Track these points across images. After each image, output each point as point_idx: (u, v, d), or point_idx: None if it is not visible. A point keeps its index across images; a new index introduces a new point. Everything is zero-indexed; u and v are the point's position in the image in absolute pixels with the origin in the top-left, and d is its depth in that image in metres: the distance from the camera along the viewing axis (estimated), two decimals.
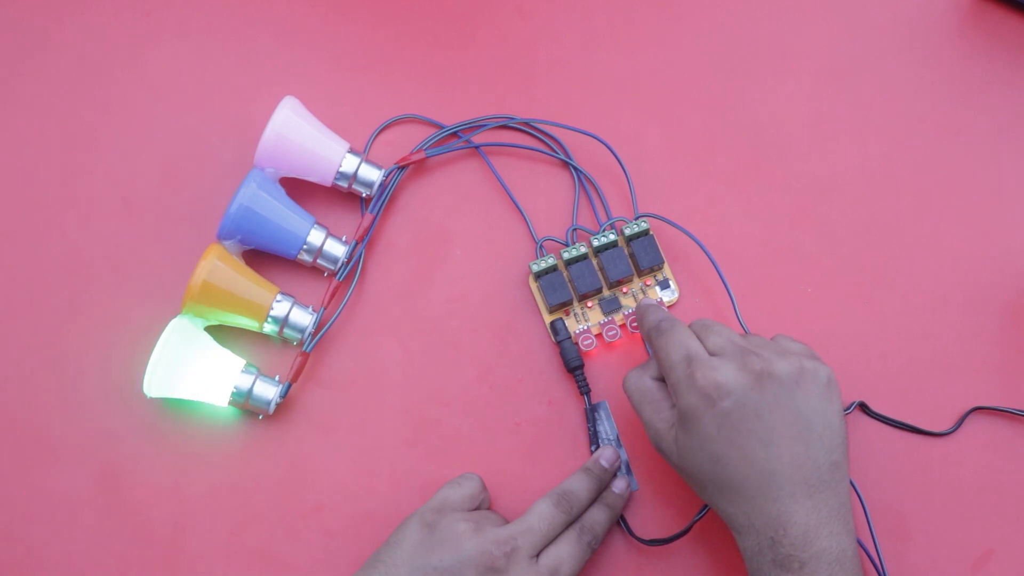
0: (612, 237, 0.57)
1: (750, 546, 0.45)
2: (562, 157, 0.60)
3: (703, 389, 0.45)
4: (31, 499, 0.54)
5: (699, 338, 0.48)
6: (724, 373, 0.45)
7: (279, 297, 0.55)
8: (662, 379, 0.49)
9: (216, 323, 0.55)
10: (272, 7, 0.63)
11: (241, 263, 0.55)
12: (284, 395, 0.54)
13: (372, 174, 0.57)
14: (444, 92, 0.61)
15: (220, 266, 0.54)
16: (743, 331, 0.55)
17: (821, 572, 0.43)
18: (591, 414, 0.55)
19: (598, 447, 0.54)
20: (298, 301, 0.55)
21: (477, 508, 0.51)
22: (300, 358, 0.55)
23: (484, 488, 0.52)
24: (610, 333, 0.56)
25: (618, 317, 0.57)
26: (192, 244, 0.56)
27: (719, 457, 0.45)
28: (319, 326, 0.55)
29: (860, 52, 0.62)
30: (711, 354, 0.47)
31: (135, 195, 0.59)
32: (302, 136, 0.56)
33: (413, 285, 0.58)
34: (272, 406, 0.54)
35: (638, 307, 0.53)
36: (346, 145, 0.57)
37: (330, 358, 0.56)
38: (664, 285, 0.57)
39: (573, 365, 0.55)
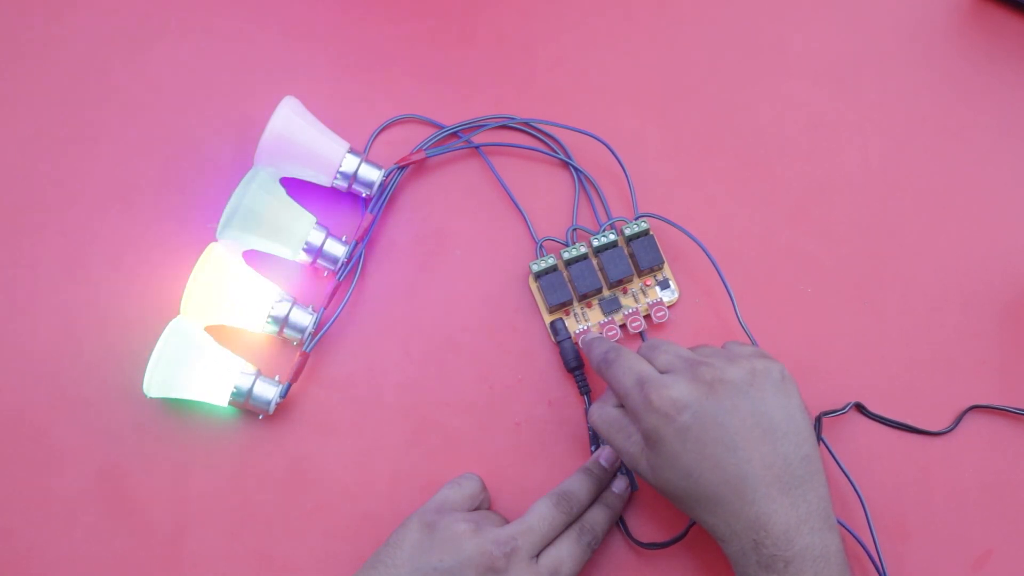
0: (612, 237, 0.57)
1: (735, 551, 0.45)
2: (562, 157, 0.60)
3: (659, 408, 0.45)
4: (31, 499, 0.54)
5: (648, 360, 0.48)
6: (677, 389, 0.45)
7: (279, 297, 0.55)
8: (623, 405, 0.49)
9: (216, 323, 0.55)
10: (272, 7, 0.63)
11: (241, 263, 0.55)
12: (284, 395, 0.54)
13: (372, 174, 0.57)
14: (444, 92, 0.61)
15: (220, 266, 0.54)
16: (744, 333, 0.55)
17: (806, 570, 0.43)
18: None
19: (598, 447, 0.54)
20: (298, 301, 0.55)
21: (477, 508, 0.51)
22: (300, 358, 0.55)
23: (484, 488, 0.52)
24: (610, 333, 0.56)
25: (618, 317, 0.57)
26: (192, 244, 0.56)
27: (690, 471, 0.45)
28: (319, 326, 0.55)
29: (860, 52, 0.62)
30: (661, 372, 0.47)
31: (135, 195, 0.59)
32: (302, 136, 0.56)
33: (413, 285, 0.58)
34: (272, 406, 0.54)
35: (583, 342, 0.53)
36: (346, 145, 0.57)
37: (330, 358, 0.56)
38: (664, 285, 0.57)
39: (573, 365, 0.55)
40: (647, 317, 0.57)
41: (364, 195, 0.58)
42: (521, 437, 0.55)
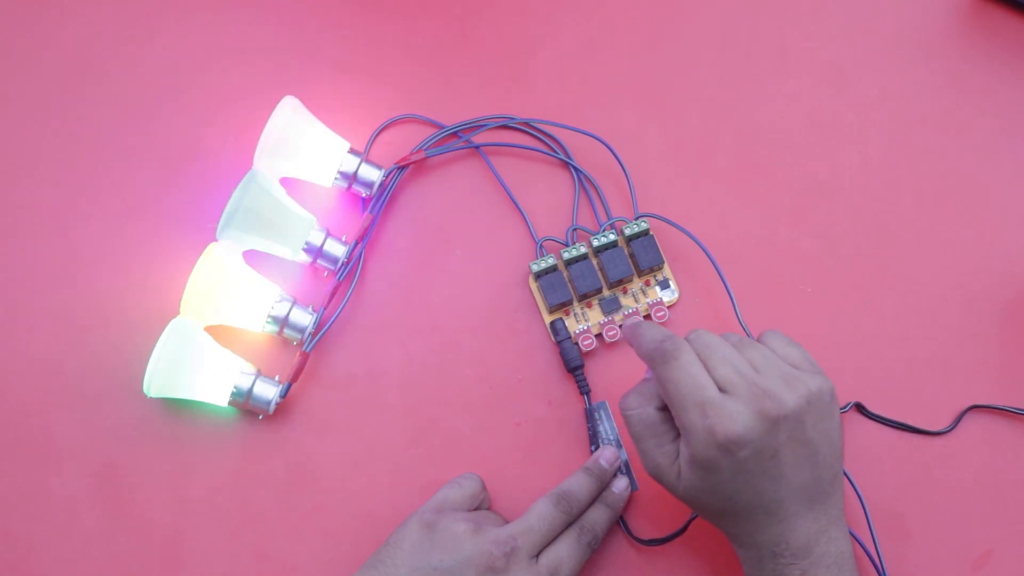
0: (612, 237, 0.57)
1: (750, 557, 0.45)
2: (562, 157, 0.60)
3: (723, 443, 0.43)
4: (31, 499, 0.54)
5: (704, 362, 0.45)
6: (743, 424, 0.43)
7: (279, 297, 0.55)
8: (664, 407, 0.47)
9: (216, 323, 0.55)
10: (272, 7, 0.63)
11: (241, 263, 0.55)
12: (284, 395, 0.54)
13: (372, 174, 0.57)
14: (444, 92, 0.61)
15: (220, 266, 0.54)
16: (743, 333, 0.55)
17: (819, 575, 0.44)
18: (591, 414, 0.55)
19: (598, 447, 0.54)
20: (298, 301, 0.55)
21: (477, 508, 0.51)
22: (300, 358, 0.55)
23: (484, 488, 0.52)
24: (610, 333, 0.56)
25: (618, 317, 0.57)
26: (192, 244, 0.56)
27: (730, 496, 0.44)
28: (319, 326, 0.55)
29: (860, 52, 0.62)
30: (721, 389, 0.44)
31: (135, 195, 0.59)
32: (302, 136, 0.56)
33: (413, 285, 0.58)
34: (272, 406, 0.54)
35: (627, 327, 0.49)
36: (346, 145, 0.57)
37: (330, 358, 0.56)
38: (664, 285, 0.57)
39: (573, 365, 0.55)
40: (647, 317, 0.57)
41: (364, 195, 0.58)
42: (521, 437, 0.55)
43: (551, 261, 0.56)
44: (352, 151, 0.57)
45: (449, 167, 0.60)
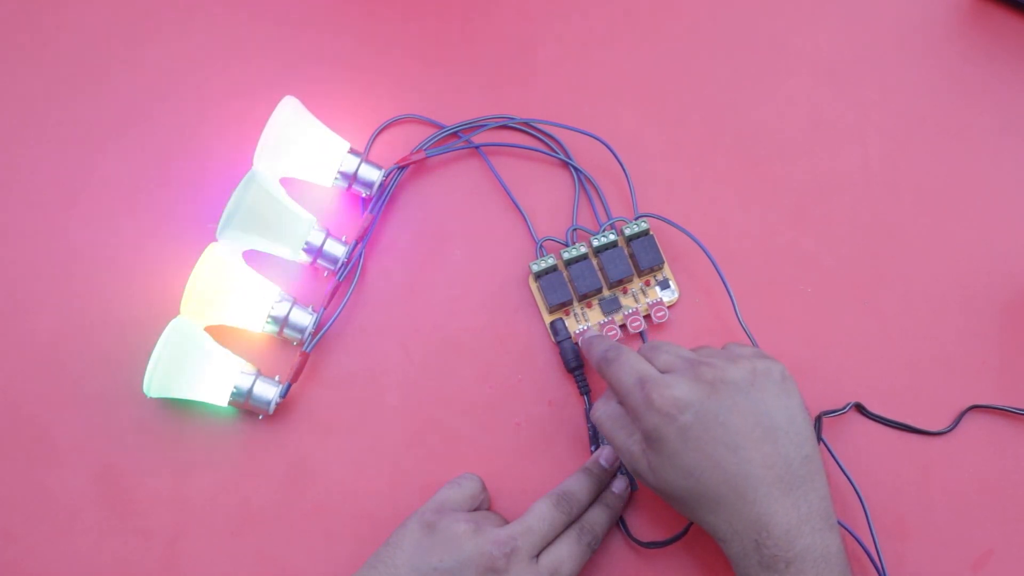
0: (612, 237, 0.57)
1: (736, 552, 0.45)
2: (562, 157, 0.60)
3: (661, 408, 0.45)
4: (31, 499, 0.54)
5: (648, 360, 0.48)
6: (679, 388, 0.45)
7: (279, 297, 0.55)
8: None
9: (216, 323, 0.55)
10: (272, 7, 0.63)
11: (241, 263, 0.55)
12: (284, 395, 0.54)
13: (372, 174, 0.57)
14: (444, 92, 0.61)
15: (220, 266, 0.54)
16: (743, 333, 0.55)
17: (807, 570, 0.43)
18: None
19: (598, 447, 0.54)
20: (298, 301, 0.55)
21: (477, 508, 0.51)
22: (300, 358, 0.55)
23: (484, 488, 0.52)
24: (610, 333, 0.56)
25: (618, 317, 0.57)
26: (192, 244, 0.56)
27: (691, 470, 0.45)
28: (319, 326, 0.55)
29: (860, 52, 0.62)
30: (662, 372, 0.47)
31: (135, 195, 0.59)
32: (302, 136, 0.56)
33: (413, 285, 0.58)
34: (272, 406, 0.54)
35: (583, 341, 0.53)
36: (346, 145, 0.57)
37: (330, 358, 0.56)
38: (664, 285, 0.57)
39: (573, 365, 0.55)
40: (647, 317, 0.57)
41: (364, 195, 0.58)
42: (521, 437, 0.55)
43: (551, 261, 0.56)
44: (352, 151, 0.57)
45: (449, 167, 0.60)
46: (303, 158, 0.56)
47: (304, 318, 0.55)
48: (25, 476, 0.54)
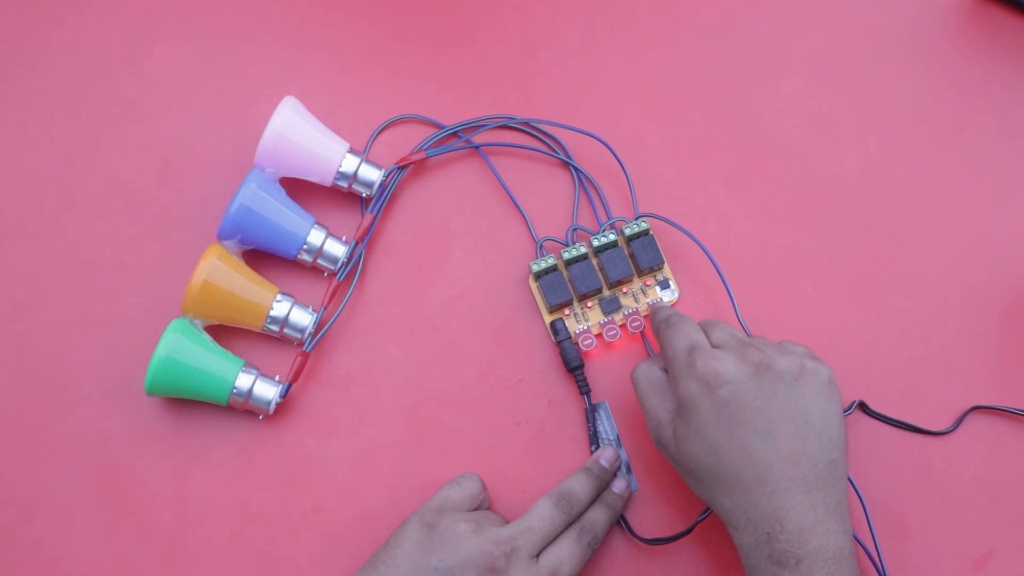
0: (612, 237, 0.57)
1: (747, 542, 0.45)
2: (562, 157, 0.60)
3: (702, 376, 0.46)
4: (31, 498, 0.54)
5: (704, 332, 0.49)
6: (724, 362, 0.46)
7: (279, 297, 0.55)
8: None
9: (216, 323, 0.55)
10: (272, 7, 0.63)
11: (241, 263, 0.55)
12: (284, 395, 0.54)
13: (372, 174, 0.57)
14: (444, 92, 0.61)
15: (220, 266, 0.54)
16: (743, 333, 0.55)
17: (817, 569, 0.44)
18: (591, 414, 0.55)
19: (598, 447, 0.54)
20: (298, 301, 0.55)
21: (477, 508, 0.51)
22: (300, 358, 0.55)
23: (484, 488, 0.52)
24: (610, 333, 0.56)
25: (618, 317, 0.57)
26: (192, 244, 0.56)
27: (716, 447, 0.45)
28: (319, 326, 0.55)
29: (860, 52, 0.62)
30: (714, 346, 0.48)
31: (135, 195, 0.59)
32: (302, 136, 0.56)
33: (413, 285, 0.58)
34: (272, 406, 0.54)
35: (651, 305, 0.55)
36: (346, 145, 0.57)
37: (330, 358, 0.56)
38: (664, 285, 0.57)
39: (573, 365, 0.55)
40: (646, 318, 0.57)
41: (364, 195, 0.58)
42: (521, 437, 0.55)
43: (551, 261, 0.56)
44: (352, 151, 0.57)
45: (449, 167, 0.60)
46: (303, 158, 0.56)
47: (304, 318, 0.55)
48: (25, 475, 0.54)
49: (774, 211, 0.59)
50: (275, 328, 0.55)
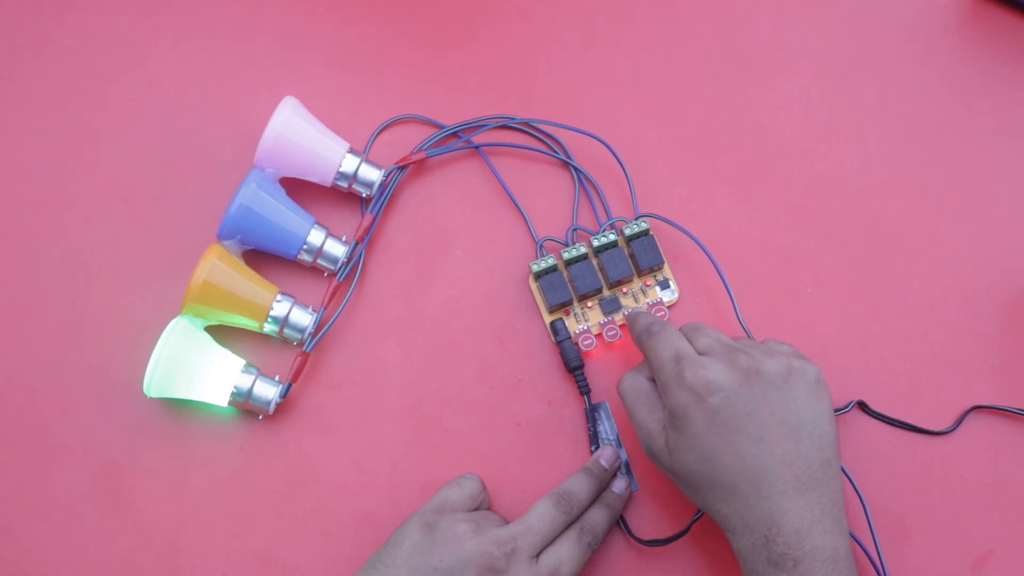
0: (612, 237, 0.57)
1: (744, 546, 0.45)
2: (562, 157, 0.60)
3: (692, 386, 0.45)
4: (31, 499, 0.54)
5: (688, 339, 0.48)
6: (713, 370, 0.45)
7: (279, 297, 0.55)
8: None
9: (216, 323, 0.55)
10: (272, 7, 0.63)
11: (241, 263, 0.55)
12: (284, 395, 0.54)
13: (372, 174, 0.57)
14: (444, 92, 0.61)
15: (220, 266, 0.54)
16: (743, 333, 0.55)
17: (815, 570, 0.44)
18: (591, 414, 0.55)
19: (598, 447, 0.54)
20: (298, 301, 0.55)
21: (477, 508, 0.51)
22: (300, 358, 0.55)
23: (484, 488, 0.52)
24: (610, 333, 0.56)
25: (618, 317, 0.57)
26: (192, 244, 0.56)
27: (710, 455, 0.45)
28: (319, 326, 0.55)
29: (860, 52, 0.62)
30: (700, 353, 0.47)
31: (135, 195, 0.59)
32: (302, 136, 0.56)
33: (413, 285, 0.58)
34: (272, 406, 0.54)
35: (628, 314, 0.53)
36: (346, 145, 0.57)
37: (330, 358, 0.56)
38: (664, 285, 0.57)
39: (573, 365, 0.55)
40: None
41: (364, 195, 0.58)
42: (521, 437, 0.55)
43: (551, 261, 0.56)
44: (352, 151, 0.57)
45: (449, 167, 0.60)
46: (303, 158, 0.56)
47: (304, 318, 0.55)
48: (25, 476, 0.54)
49: (774, 211, 0.59)
50: (275, 328, 0.55)
